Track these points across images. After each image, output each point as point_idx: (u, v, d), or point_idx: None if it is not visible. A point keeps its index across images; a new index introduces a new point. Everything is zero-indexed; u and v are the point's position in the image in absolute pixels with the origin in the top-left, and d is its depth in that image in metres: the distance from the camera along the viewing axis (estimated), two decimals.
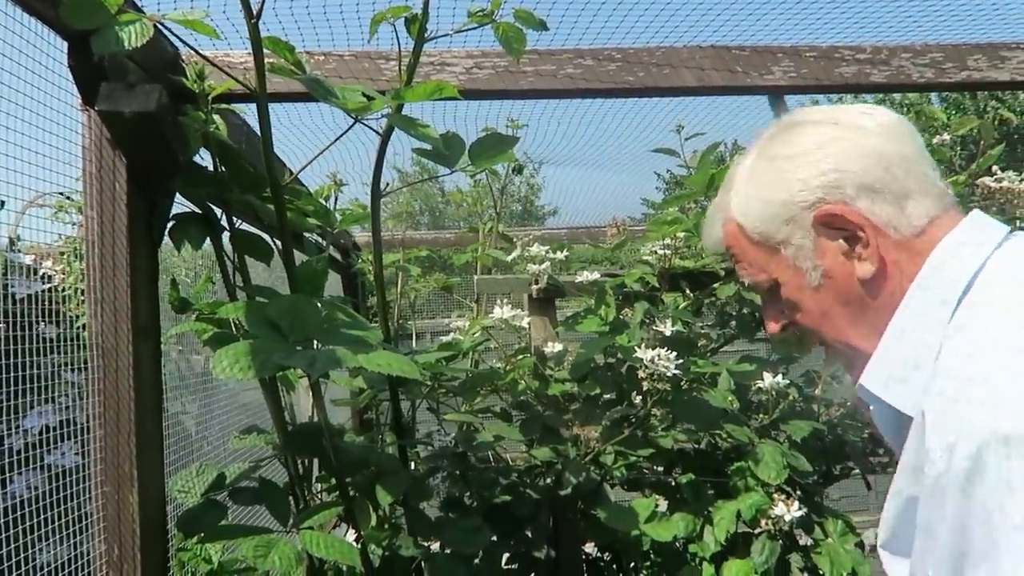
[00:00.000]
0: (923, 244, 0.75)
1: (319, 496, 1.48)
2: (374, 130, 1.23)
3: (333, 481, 1.40)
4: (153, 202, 1.15)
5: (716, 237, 0.89)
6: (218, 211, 1.27)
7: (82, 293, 2.01)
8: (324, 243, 2.21)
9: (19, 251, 1.97)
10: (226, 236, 1.28)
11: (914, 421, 0.69)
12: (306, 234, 1.79)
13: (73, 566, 1.33)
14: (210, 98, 1.12)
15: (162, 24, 0.95)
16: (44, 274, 1.98)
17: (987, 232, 0.75)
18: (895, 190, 0.75)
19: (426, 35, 1.19)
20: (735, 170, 0.85)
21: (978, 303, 0.69)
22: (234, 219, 1.28)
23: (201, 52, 1.06)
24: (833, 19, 1.65)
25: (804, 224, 0.77)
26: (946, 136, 2.11)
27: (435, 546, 1.46)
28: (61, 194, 2.01)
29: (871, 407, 0.80)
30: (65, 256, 2.12)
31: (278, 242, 1.29)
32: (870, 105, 0.81)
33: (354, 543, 1.26)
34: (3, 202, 1.48)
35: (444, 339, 1.74)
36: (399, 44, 1.20)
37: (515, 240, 2.17)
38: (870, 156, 0.75)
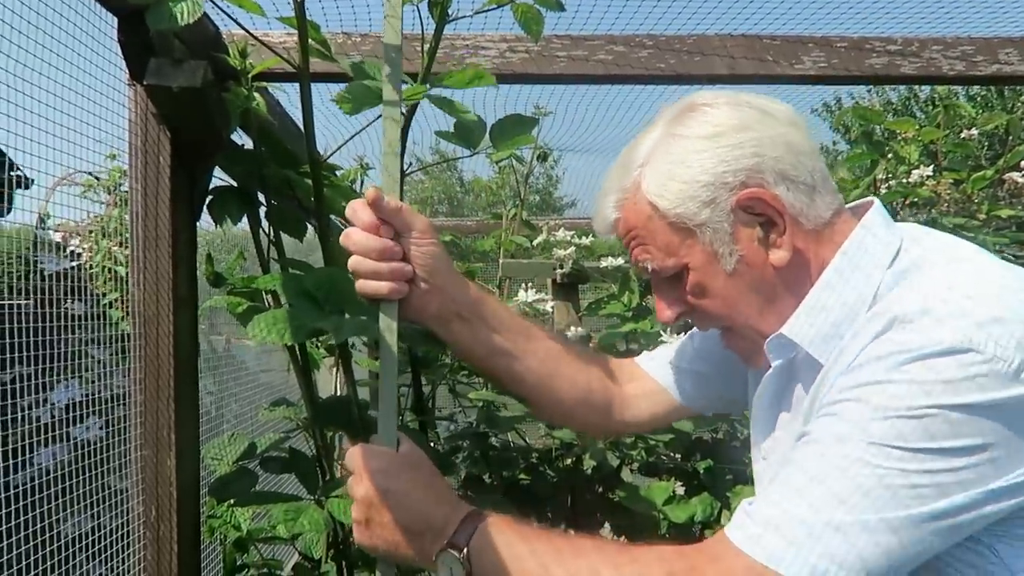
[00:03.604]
0: (831, 234, 0.78)
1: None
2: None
3: None
4: (194, 177, 1.18)
5: (611, 219, 0.84)
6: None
7: (109, 271, 2.04)
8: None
9: (48, 228, 2.00)
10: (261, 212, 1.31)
11: (823, 368, 0.75)
12: (331, 216, 1.81)
13: (96, 535, 1.37)
14: (250, 76, 1.14)
15: (209, 1, 0.97)
16: (72, 252, 2.01)
17: (890, 220, 0.80)
18: (806, 180, 0.76)
19: (448, 18, 1.20)
20: (637, 149, 0.82)
21: (909, 269, 0.74)
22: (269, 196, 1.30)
23: (249, 30, 1.08)
24: (865, 8, 1.66)
25: (724, 207, 0.76)
26: (974, 131, 2.11)
27: None
28: (89, 173, 2.04)
29: (773, 364, 0.80)
30: (93, 235, 2.16)
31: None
32: (766, 96, 0.82)
33: None
34: (32, 180, 1.50)
35: None
36: (422, 27, 1.20)
37: (538, 227, 2.19)
38: (784, 144, 0.76)
